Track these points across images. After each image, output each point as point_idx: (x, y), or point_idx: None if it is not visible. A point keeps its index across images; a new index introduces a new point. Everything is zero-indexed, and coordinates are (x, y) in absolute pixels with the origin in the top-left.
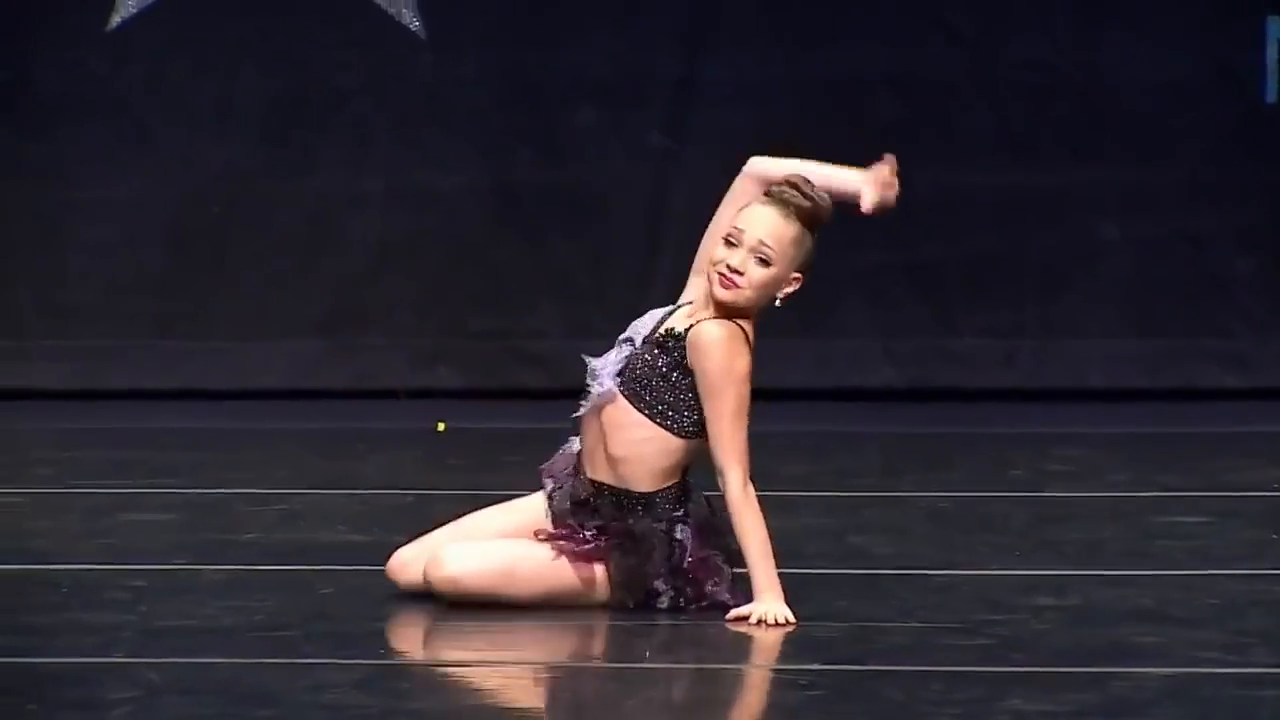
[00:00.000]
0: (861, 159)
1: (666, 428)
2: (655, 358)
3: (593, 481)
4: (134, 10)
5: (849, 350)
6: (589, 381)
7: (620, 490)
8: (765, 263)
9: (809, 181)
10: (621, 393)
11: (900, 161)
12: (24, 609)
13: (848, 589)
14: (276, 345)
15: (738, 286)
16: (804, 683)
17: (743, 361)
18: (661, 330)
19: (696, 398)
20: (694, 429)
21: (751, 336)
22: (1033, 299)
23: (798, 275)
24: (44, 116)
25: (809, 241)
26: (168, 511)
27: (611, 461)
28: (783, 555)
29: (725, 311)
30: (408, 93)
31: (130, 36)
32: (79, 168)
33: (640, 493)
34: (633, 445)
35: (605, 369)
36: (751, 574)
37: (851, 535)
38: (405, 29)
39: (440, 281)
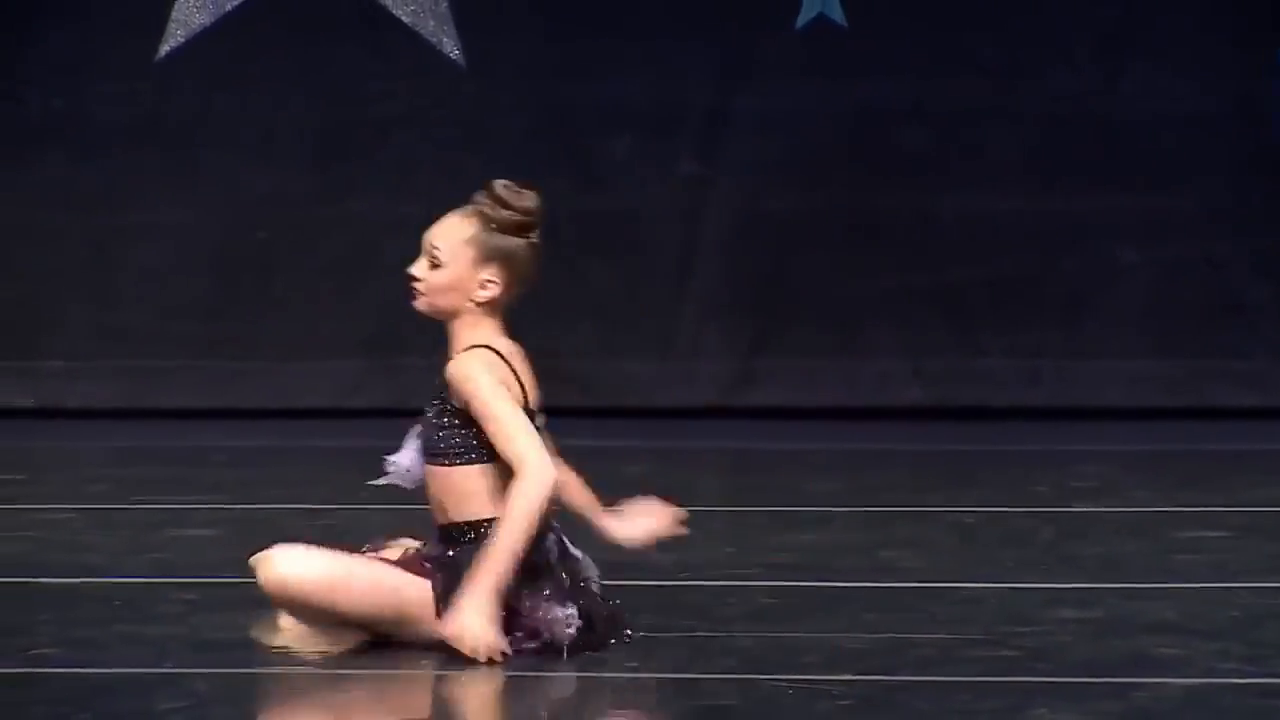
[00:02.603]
0: (890, 186)
1: (459, 464)
2: (430, 413)
3: (437, 528)
4: (182, 40)
5: (877, 370)
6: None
7: (450, 525)
8: (436, 264)
9: (509, 185)
10: (426, 462)
11: (929, 187)
12: (77, 621)
13: (877, 602)
14: (319, 365)
15: (420, 294)
16: (835, 693)
17: (490, 376)
18: (436, 386)
19: (466, 426)
20: (478, 456)
21: (501, 347)
22: (1056, 320)
23: (490, 277)
24: (95, 144)
25: (495, 241)
26: (215, 527)
27: (439, 507)
28: (814, 569)
29: (468, 340)
30: (449, 121)
31: (178, 66)
32: (129, 194)
33: (466, 523)
34: (447, 490)
35: (402, 461)
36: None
37: (881, 550)
38: (447, 58)
39: None
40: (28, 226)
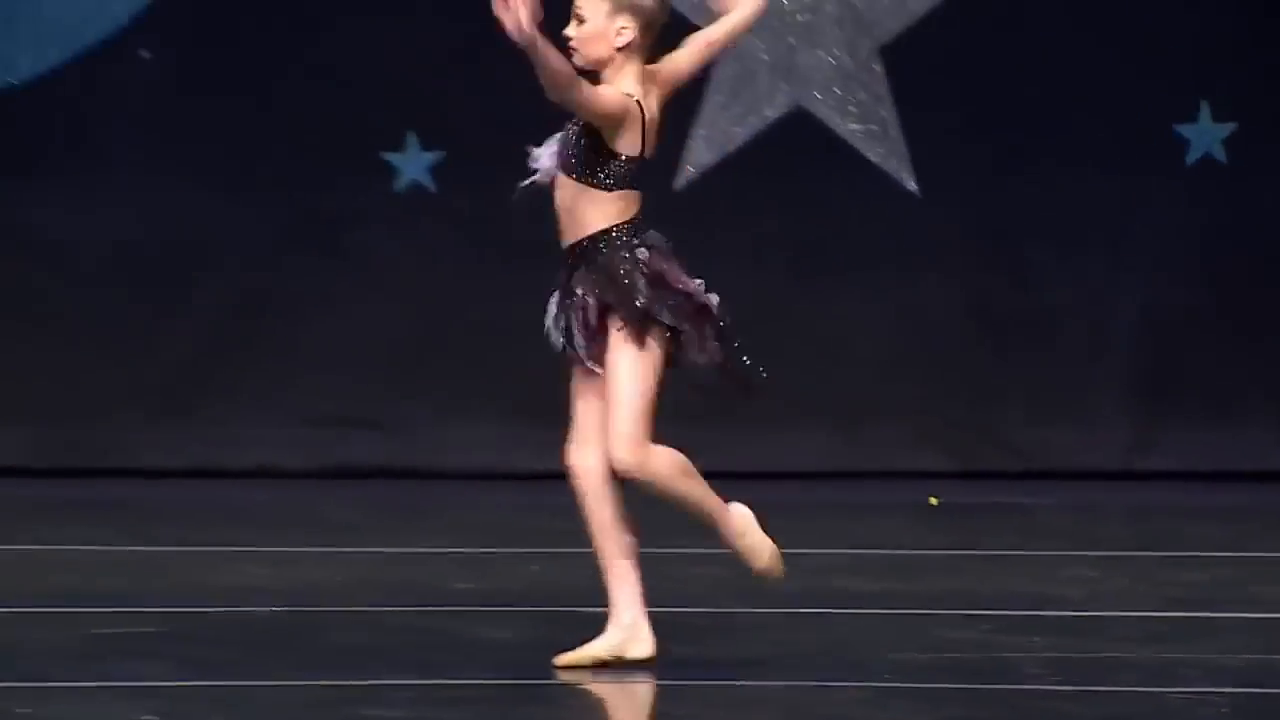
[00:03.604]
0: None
1: (591, 184)
2: (569, 130)
3: (567, 248)
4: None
5: (1254, 439)
6: (531, 164)
7: (581, 241)
8: (580, 20)
9: None
10: (560, 168)
11: None
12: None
13: (1249, 629)
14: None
15: (574, 50)
16: (1218, 705)
17: (615, 93)
18: None
19: (596, 152)
20: (612, 182)
21: (637, 92)
22: None
23: (624, 24)
24: None
25: None
26: None
27: (568, 222)
28: (1197, 602)
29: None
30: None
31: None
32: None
33: (596, 232)
34: (576, 203)
35: (544, 153)
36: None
37: (1251, 586)
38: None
39: (931, 382)
40: None
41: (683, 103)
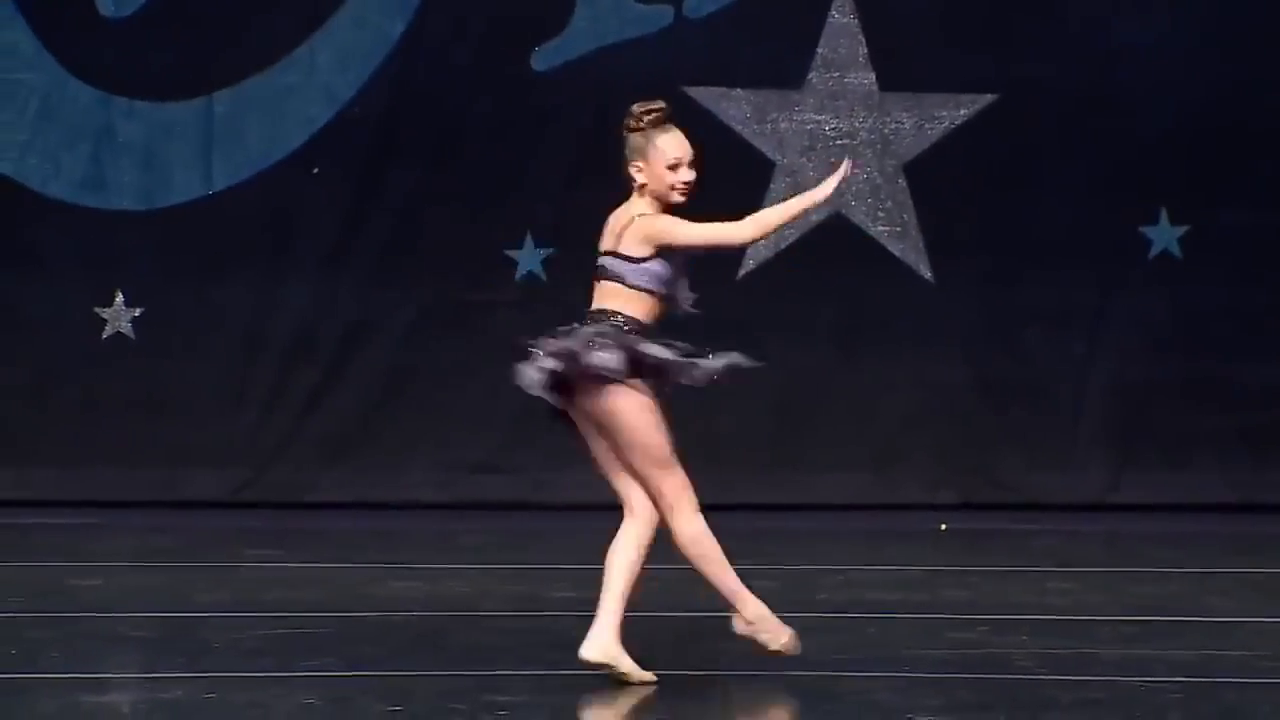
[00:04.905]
0: None
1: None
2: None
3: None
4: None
5: None
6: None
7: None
8: (692, 166)
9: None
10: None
11: None
12: None
13: None
14: None
15: (691, 193)
16: (1179, 695)
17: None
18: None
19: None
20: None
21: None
22: None
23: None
24: None
25: (630, 140)
26: None
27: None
28: None
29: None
30: (914, 316)
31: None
32: None
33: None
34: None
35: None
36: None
37: None
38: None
39: (943, 435)
40: None
41: (744, 211)
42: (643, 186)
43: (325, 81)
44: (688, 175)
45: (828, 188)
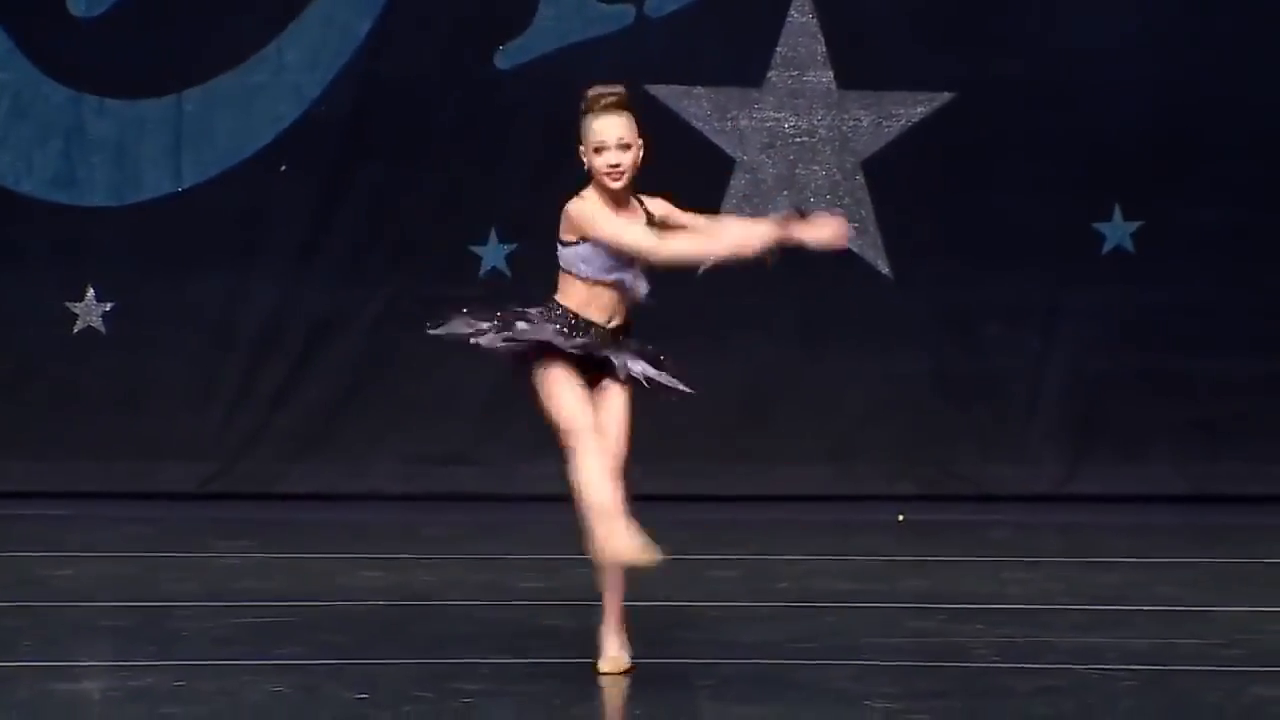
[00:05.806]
0: None
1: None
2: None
3: (612, 329)
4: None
5: None
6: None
7: (627, 323)
8: (627, 146)
9: (605, 84)
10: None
11: None
12: None
13: None
14: None
15: (623, 176)
16: (1132, 683)
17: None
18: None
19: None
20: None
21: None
22: None
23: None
24: None
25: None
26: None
27: (618, 309)
28: None
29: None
30: (873, 310)
31: None
32: None
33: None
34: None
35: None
36: (733, 246)
37: None
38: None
39: (902, 427)
40: None
41: (703, 208)
42: (588, 171)
43: (293, 80)
44: (613, 159)
45: (754, 244)
